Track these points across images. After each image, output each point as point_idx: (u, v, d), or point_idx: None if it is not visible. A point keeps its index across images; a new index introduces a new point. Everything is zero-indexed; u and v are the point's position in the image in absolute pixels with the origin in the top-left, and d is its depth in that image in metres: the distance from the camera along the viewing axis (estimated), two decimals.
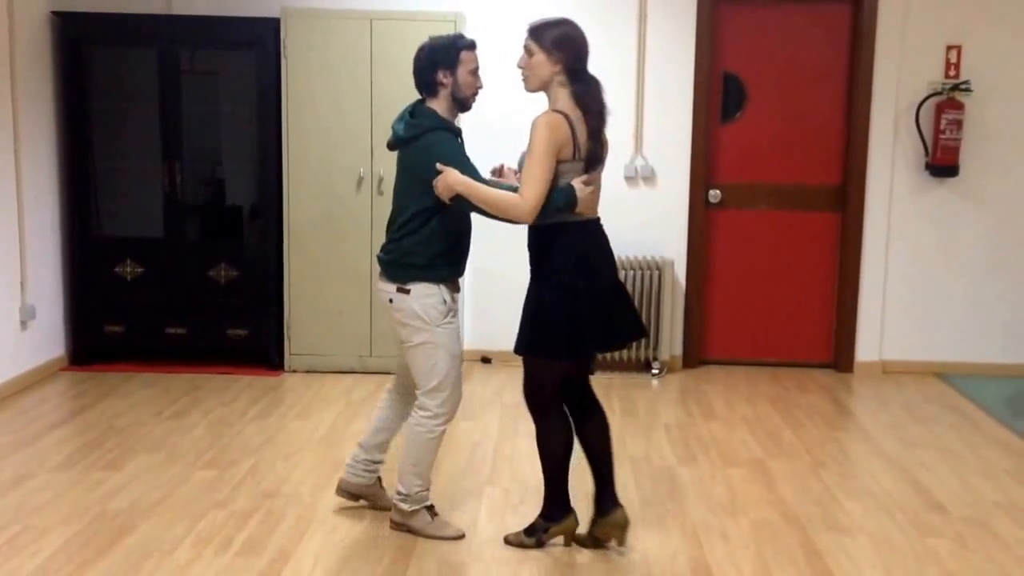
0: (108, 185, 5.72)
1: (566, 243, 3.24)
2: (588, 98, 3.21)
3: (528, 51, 3.25)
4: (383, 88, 5.47)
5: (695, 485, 4.09)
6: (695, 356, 6.04)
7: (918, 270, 5.90)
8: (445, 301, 3.41)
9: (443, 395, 3.43)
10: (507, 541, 3.50)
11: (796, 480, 4.18)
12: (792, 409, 5.23)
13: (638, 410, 5.14)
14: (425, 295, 3.37)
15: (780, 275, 6.04)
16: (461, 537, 3.52)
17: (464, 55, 3.40)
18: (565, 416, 3.42)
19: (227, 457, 4.29)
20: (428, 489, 3.55)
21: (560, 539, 3.48)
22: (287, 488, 3.95)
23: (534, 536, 3.46)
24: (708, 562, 3.37)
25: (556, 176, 3.17)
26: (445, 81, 3.38)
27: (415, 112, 3.43)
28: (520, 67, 3.29)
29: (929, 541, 3.58)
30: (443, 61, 3.37)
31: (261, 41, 5.50)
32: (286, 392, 5.33)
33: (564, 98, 3.22)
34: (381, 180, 5.52)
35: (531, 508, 3.74)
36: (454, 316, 3.45)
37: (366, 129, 5.52)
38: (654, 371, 5.83)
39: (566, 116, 3.18)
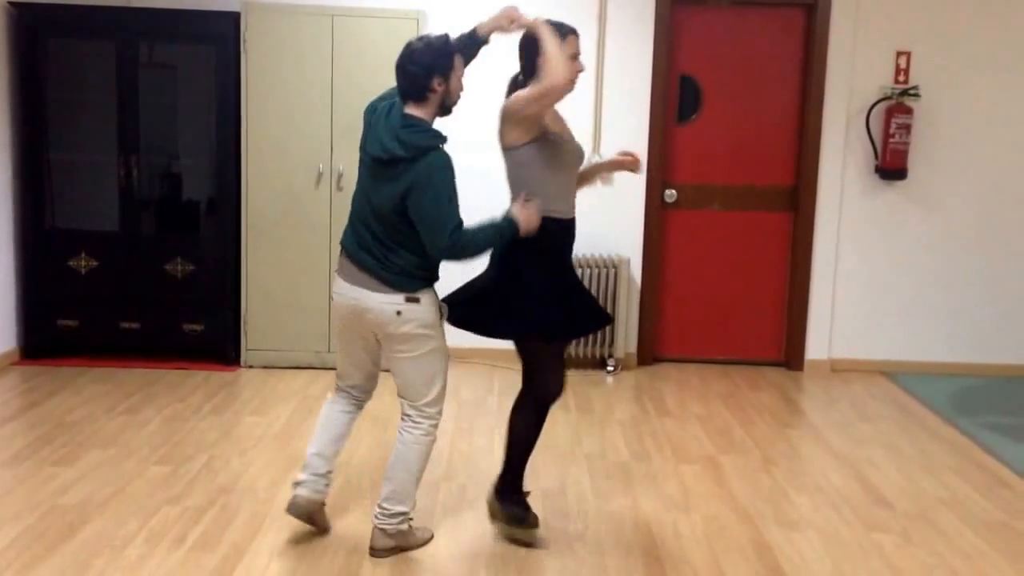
0: (63, 177, 5.65)
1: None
2: None
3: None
4: (343, 84, 5.48)
5: (648, 481, 4.15)
6: (649, 353, 6.11)
7: (867, 271, 6.02)
8: (440, 305, 3.35)
9: (442, 400, 3.37)
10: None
11: (747, 476, 4.25)
12: (744, 406, 5.32)
13: (593, 406, 5.20)
14: (432, 302, 3.28)
15: (733, 274, 6.13)
16: (431, 537, 3.52)
17: (456, 60, 3.21)
18: None
19: (181, 453, 4.27)
20: None
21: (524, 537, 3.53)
22: (242, 484, 3.95)
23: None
24: (660, 557, 3.43)
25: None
26: (438, 88, 3.16)
27: (408, 124, 3.14)
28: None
29: (875, 535, 3.67)
30: (440, 67, 3.13)
31: (221, 35, 5.47)
32: (242, 388, 5.32)
33: None
34: (340, 176, 5.52)
35: (485, 503, 3.78)
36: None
37: (326, 125, 5.51)
38: (609, 368, 5.89)
39: None
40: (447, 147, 3.20)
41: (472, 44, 3.41)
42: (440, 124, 3.23)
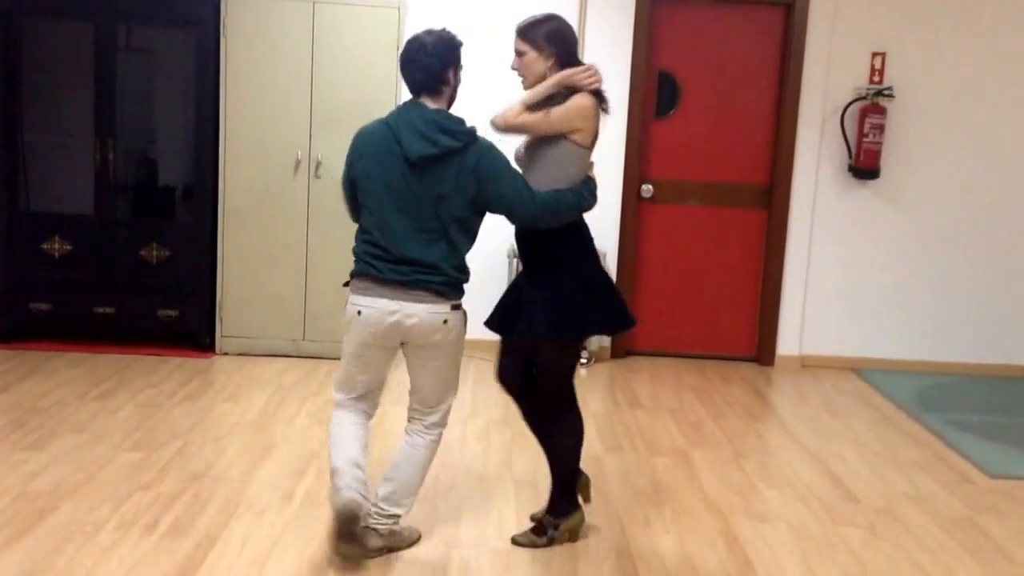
0: (38, 160, 5.60)
1: (582, 229, 3.32)
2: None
3: (519, 52, 3.26)
4: (323, 72, 5.46)
5: (620, 473, 4.19)
6: (623, 347, 6.15)
7: (838, 268, 6.09)
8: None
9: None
10: (515, 542, 3.43)
11: (717, 469, 4.30)
12: (715, 400, 5.37)
13: None
14: (464, 311, 3.29)
15: (707, 270, 6.18)
16: (419, 537, 3.44)
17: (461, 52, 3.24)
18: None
19: (154, 439, 4.26)
20: None
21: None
22: (215, 471, 3.95)
23: (545, 535, 3.44)
24: (631, 549, 3.46)
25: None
26: (451, 81, 3.16)
27: (445, 116, 3.11)
28: (514, 69, 3.28)
29: (842, 529, 3.73)
30: (454, 58, 3.15)
31: (201, 20, 5.44)
32: (216, 374, 5.31)
33: None
34: (319, 164, 5.51)
35: (459, 493, 3.80)
36: None
37: (305, 112, 5.50)
38: (583, 360, 5.92)
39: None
40: None
41: None
42: None
